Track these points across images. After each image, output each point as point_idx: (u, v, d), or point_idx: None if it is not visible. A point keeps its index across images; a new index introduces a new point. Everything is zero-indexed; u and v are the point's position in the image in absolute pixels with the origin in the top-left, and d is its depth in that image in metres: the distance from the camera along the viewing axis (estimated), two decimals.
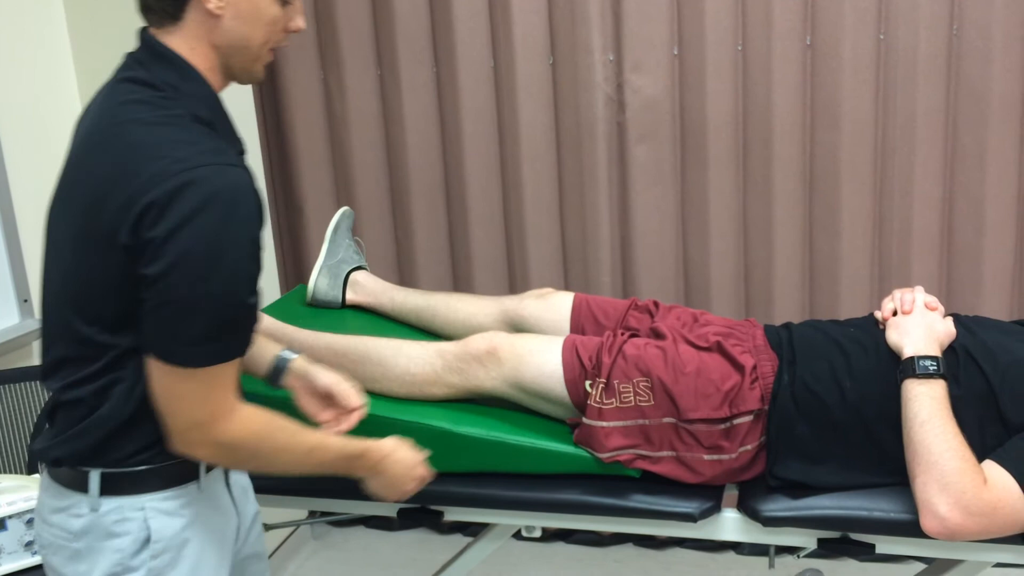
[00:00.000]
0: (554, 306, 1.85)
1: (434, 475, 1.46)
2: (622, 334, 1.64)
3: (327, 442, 1.28)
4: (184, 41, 1.15)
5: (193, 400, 1.12)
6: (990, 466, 1.39)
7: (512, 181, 2.49)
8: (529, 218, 2.49)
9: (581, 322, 1.82)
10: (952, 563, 1.55)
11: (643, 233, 2.43)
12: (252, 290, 1.11)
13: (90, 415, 1.15)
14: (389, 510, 1.67)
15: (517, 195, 2.49)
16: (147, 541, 1.18)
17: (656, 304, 1.82)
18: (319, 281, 2.02)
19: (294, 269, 2.76)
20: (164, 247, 1.04)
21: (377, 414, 1.61)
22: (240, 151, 1.22)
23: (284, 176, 2.68)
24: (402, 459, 1.38)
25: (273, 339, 1.56)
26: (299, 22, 1.23)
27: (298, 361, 1.44)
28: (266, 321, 1.74)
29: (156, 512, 1.19)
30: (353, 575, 2.65)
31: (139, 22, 1.19)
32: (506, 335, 1.65)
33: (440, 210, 2.59)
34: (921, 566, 1.71)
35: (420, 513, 1.65)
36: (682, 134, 2.38)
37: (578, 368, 1.58)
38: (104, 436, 1.15)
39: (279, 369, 1.44)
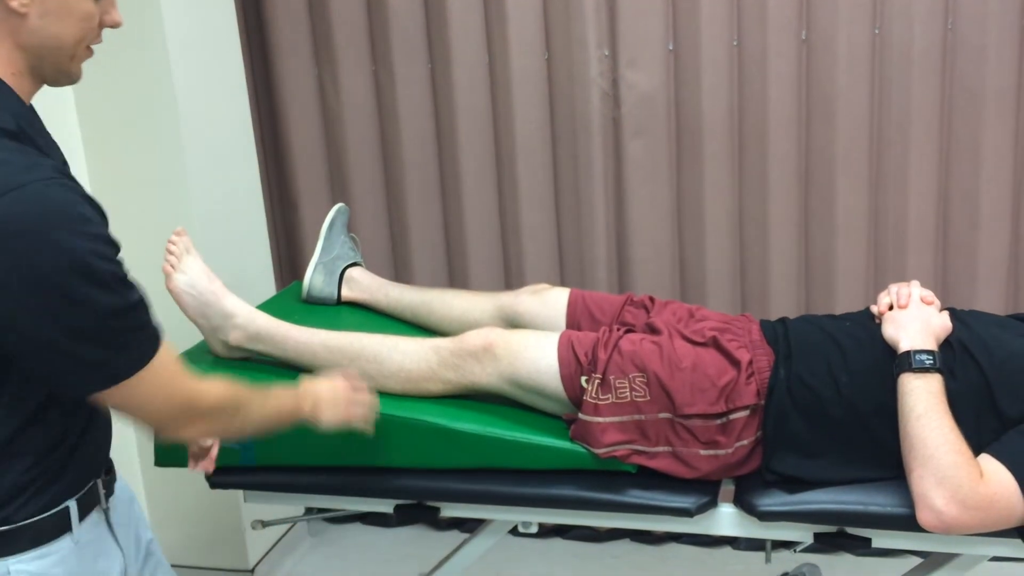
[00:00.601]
0: (550, 302, 1.85)
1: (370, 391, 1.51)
2: (618, 330, 1.64)
3: (274, 389, 1.33)
4: None
5: (158, 396, 1.08)
6: (986, 460, 1.39)
7: (507, 177, 2.49)
8: (524, 214, 2.49)
9: (577, 318, 1.82)
10: (948, 557, 1.55)
11: (639, 229, 2.43)
12: (129, 286, 1.04)
13: None
14: (386, 507, 1.67)
15: (512, 191, 2.48)
16: None
17: (652, 300, 1.82)
18: (314, 278, 2.02)
19: (289, 266, 2.76)
20: (10, 293, 0.95)
21: None
22: (61, 163, 1.11)
23: (279, 173, 2.67)
24: (330, 382, 1.44)
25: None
26: (115, 16, 1.13)
27: None
28: (261, 319, 1.74)
29: (24, 574, 1.08)
30: (350, 572, 2.64)
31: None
32: (502, 331, 1.65)
33: (435, 206, 2.59)
34: (917, 560, 1.72)
35: (417, 509, 1.65)
36: (677, 129, 2.38)
37: (574, 364, 1.58)
38: None
39: None
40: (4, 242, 0.94)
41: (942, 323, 1.54)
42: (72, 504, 1.13)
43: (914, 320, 1.53)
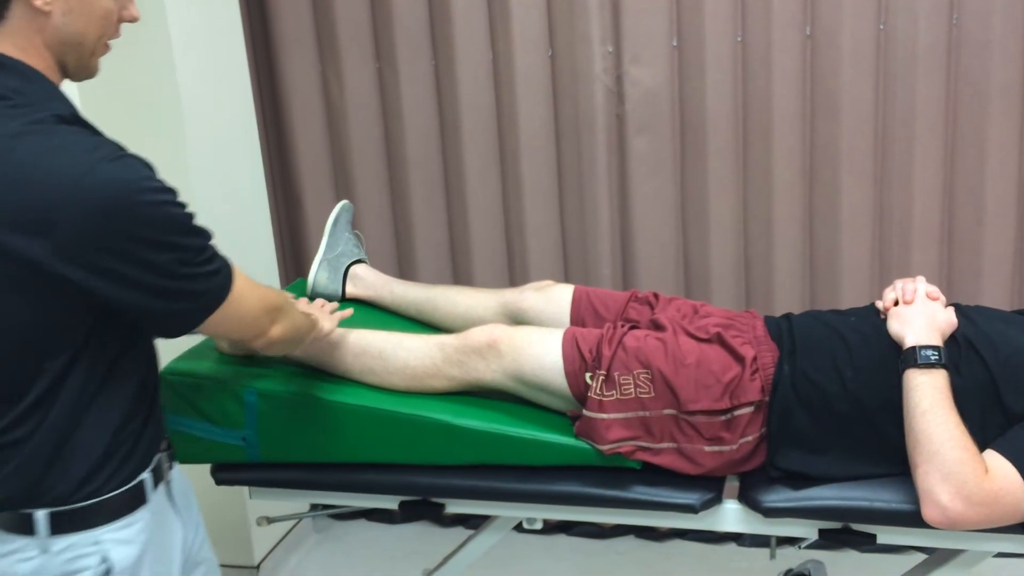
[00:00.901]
0: (554, 298, 1.85)
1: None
2: (622, 326, 1.64)
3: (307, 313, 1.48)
4: (12, 42, 1.08)
5: (250, 304, 1.22)
6: (991, 455, 1.39)
7: (511, 174, 2.49)
8: (528, 211, 2.48)
9: (581, 314, 1.82)
10: (953, 553, 1.55)
11: (643, 225, 2.43)
12: (199, 224, 1.13)
13: (16, 457, 1.11)
14: (391, 503, 1.67)
15: (516, 188, 2.48)
16: (108, 573, 1.16)
17: (656, 296, 1.82)
18: (319, 275, 2.02)
19: (293, 263, 2.76)
20: (121, 259, 1.05)
21: (377, 407, 1.61)
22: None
23: (283, 170, 2.68)
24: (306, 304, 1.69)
25: None
26: (133, 11, 1.19)
27: None
28: None
29: (114, 543, 1.16)
30: (355, 568, 2.65)
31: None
32: (506, 327, 1.65)
33: (439, 203, 2.59)
34: (922, 556, 1.71)
35: (422, 505, 1.65)
36: (682, 126, 2.38)
37: (578, 360, 1.57)
38: (37, 476, 1.12)
39: None
40: (103, 220, 1.03)
41: (947, 319, 1.54)
42: (147, 476, 1.22)
43: (919, 316, 1.53)
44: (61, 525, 1.13)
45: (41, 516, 1.12)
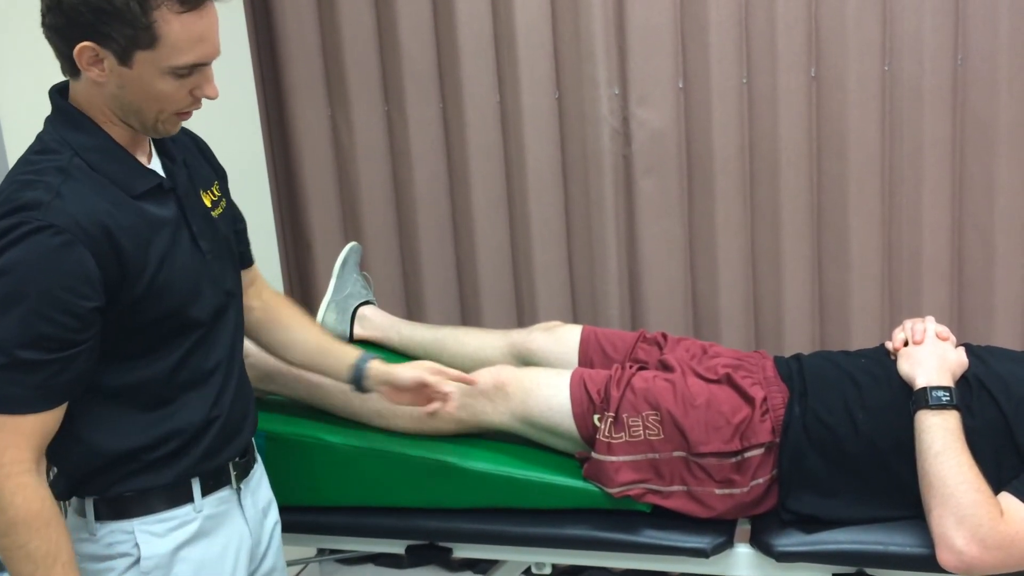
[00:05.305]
0: (562, 339, 1.85)
1: None
2: (630, 367, 1.63)
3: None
4: (82, 96, 1.19)
5: None
6: (1006, 498, 1.37)
7: (519, 215, 2.49)
8: (536, 251, 2.49)
9: (589, 355, 1.81)
10: None
11: (651, 265, 2.43)
12: (29, 344, 1.09)
13: (65, 456, 1.22)
14: (398, 547, 1.65)
15: (524, 229, 2.49)
16: (137, 560, 1.23)
17: (665, 336, 1.82)
18: (327, 316, 2.02)
19: (302, 304, 2.74)
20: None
21: (383, 449, 1.60)
22: (145, 190, 1.20)
23: (292, 212, 2.69)
24: None
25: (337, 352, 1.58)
26: (208, 91, 1.20)
27: (375, 366, 1.50)
28: (273, 358, 1.74)
29: (145, 534, 1.24)
30: None
31: None
32: (513, 369, 1.64)
33: (448, 244, 2.60)
34: None
35: (429, 550, 1.63)
36: (688, 166, 2.39)
37: (586, 402, 1.57)
38: (83, 472, 1.22)
39: (359, 376, 1.51)
40: None
41: (958, 359, 1.52)
42: (196, 480, 1.28)
43: (930, 356, 1.52)
44: (103, 513, 1.23)
45: (88, 503, 1.24)
